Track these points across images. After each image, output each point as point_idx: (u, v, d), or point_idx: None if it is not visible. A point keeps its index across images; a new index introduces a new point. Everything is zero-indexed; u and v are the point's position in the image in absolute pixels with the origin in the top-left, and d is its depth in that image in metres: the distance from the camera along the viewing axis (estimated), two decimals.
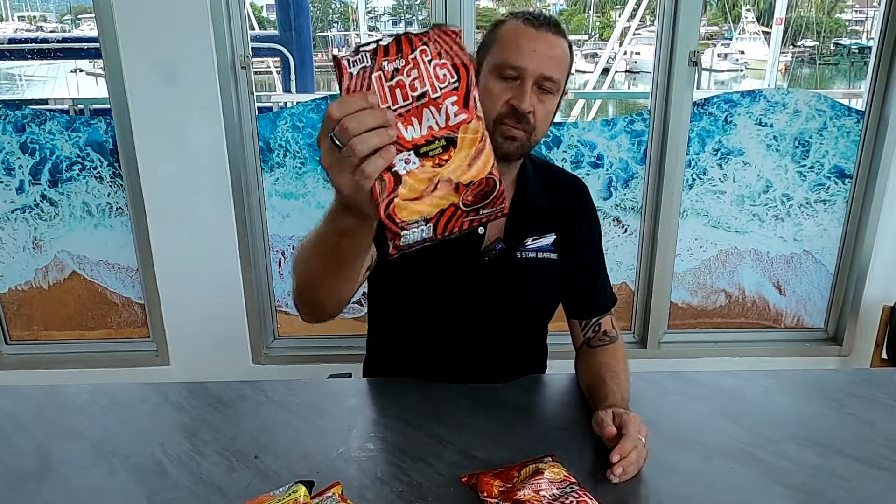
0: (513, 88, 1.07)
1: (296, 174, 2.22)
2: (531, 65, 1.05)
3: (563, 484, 0.85)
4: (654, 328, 2.36)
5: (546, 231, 1.22)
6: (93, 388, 1.20)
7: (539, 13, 1.09)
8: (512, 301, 1.22)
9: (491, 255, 1.18)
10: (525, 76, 1.06)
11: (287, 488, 0.83)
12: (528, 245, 1.20)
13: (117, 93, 2.03)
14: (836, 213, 2.30)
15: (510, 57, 1.06)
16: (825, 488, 0.92)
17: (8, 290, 2.36)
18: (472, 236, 1.18)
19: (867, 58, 2.22)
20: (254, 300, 2.27)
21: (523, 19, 1.08)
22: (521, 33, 1.07)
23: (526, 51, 1.05)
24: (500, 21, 1.11)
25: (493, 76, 1.08)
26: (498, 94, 1.07)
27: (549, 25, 1.08)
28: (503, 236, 1.19)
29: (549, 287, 1.26)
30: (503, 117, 1.08)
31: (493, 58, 1.08)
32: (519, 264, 1.20)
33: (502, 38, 1.09)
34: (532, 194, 1.21)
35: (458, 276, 1.18)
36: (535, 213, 1.21)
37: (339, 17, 11.54)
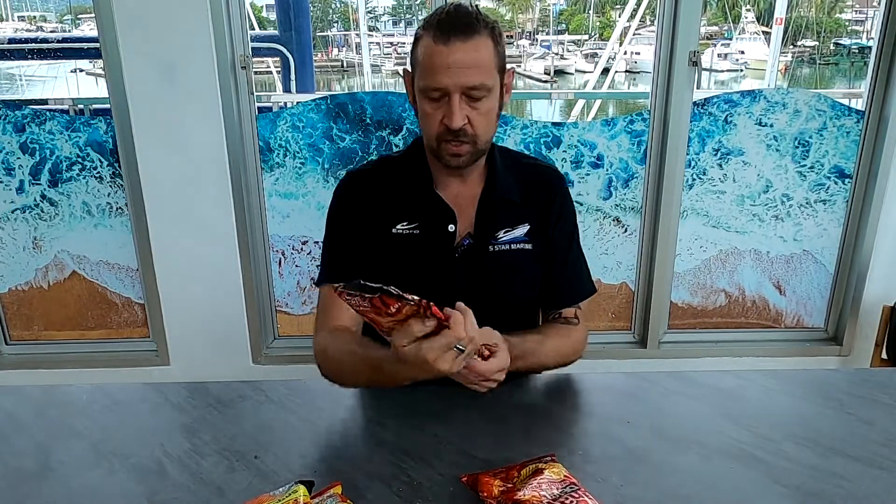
0: (443, 107, 1.08)
1: (296, 174, 2.22)
2: (450, 81, 1.05)
3: (563, 484, 0.85)
4: (654, 328, 2.36)
5: (518, 222, 1.22)
6: (93, 388, 1.20)
7: (449, 16, 1.06)
8: (489, 295, 1.21)
9: (460, 251, 1.19)
10: (449, 94, 1.06)
11: (287, 488, 0.83)
12: (500, 238, 1.21)
13: (117, 93, 2.03)
14: (836, 213, 2.30)
15: (429, 80, 1.06)
16: (825, 488, 0.92)
17: (8, 290, 2.36)
18: (445, 234, 1.19)
19: (867, 58, 2.22)
20: (254, 300, 2.27)
21: (433, 34, 1.06)
22: (433, 53, 1.05)
23: (440, 70, 1.05)
24: (418, 36, 1.10)
25: (423, 98, 1.10)
26: (432, 115, 1.09)
27: (457, 32, 1.04)
28: (473, 231, 1.20)
29: (525, 278, 1.25)
30: (442, 136, 1.10)
31: (418, 80, 1.10)
32: (492, 258, 1.20)
33: (420, 60, 1.08)
34: (501, 186, 1.21)
35: (430, 274, 1.19)
36: (505, 204, 1.21)
37: (339, 17, 11.54)
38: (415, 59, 1.11)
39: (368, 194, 1.22)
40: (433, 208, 1.20)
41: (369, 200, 1.22)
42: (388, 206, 1.21)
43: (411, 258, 1.20)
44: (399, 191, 1.21)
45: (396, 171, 1.24)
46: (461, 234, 1.20)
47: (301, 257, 2.32)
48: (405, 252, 1.20)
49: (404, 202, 1.21)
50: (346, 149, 2.19)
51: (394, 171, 1.24)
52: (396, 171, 1.24)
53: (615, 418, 1.10)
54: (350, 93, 2.19)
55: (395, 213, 1.21)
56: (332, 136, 2.18)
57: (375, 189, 1.22)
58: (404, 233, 1.20)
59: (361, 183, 1.24)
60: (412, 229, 1.20)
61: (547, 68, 13.88)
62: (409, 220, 1.20)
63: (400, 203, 1.21)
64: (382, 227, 1.21)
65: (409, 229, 1.20)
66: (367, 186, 1.23)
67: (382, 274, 1.19)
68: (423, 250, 1.20)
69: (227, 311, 2.27)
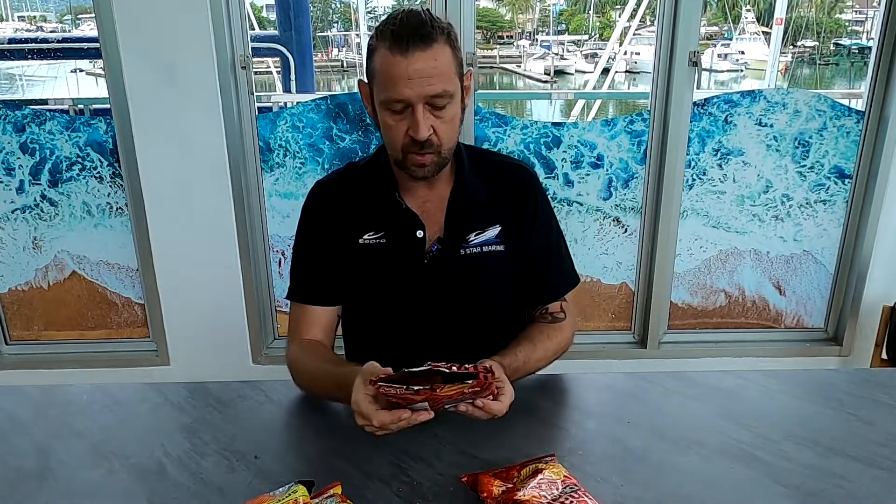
0: (406, 118, 1.06)
1: (296, 174, 2.22)
2: (412, 92, 1.03)
3: (563, 484, 0.85)
4: (654, 328, 2.36)
5: (489, 223, 1.19)
6: (93, 388, 1.20)
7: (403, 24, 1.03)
8: (462, 299, 1.20)
9: (429, 257, 1.17)
10: (412, 104, 1.04)
11: (287, 488, 0.83)
12: (471, 241, 1.18)
13: (117, 93, 2.03)
14: (836, 213, 2.30)
15: (390, 92, 1.04)
16: (825, 488, 0.92)
17: (8, 290, 2.36)
18: (413, 241, 1.17)
19: (867, 58, 2.22)
20: (254, 300, 2.27)
21: (389, 45, 1.02)
22: (392, 65, 1.02)
23: (401, 82, 1.02)
24: (372, 48, 1.06)
25: (384, 110, 1.07)
26: (395, 127, 1.07)
27: (415, 41, 1.01)
28: (443, 235, 1.18)
29: (499, 280, 1.23)
30: (408, 147, 1.08)
31: (378, 93, 1.07)
32: (463, 261, 1.18)
33: (378, 72, 1.05)
34: (470, 188, 1.18)
35: (399, 283, 1.18)
36: (474, 206, 1.19)
37: (339, 17, 11.53)
38: (371, 70, 1.07)
39: (334, 205, 1.20)
40: (399, 216, 1.17)
41: (335, 211, 1.20)
42: (353, 216, 1.19)
43: (379, 268, 1.18)
44: (364, 200, 1.19)
45: (361, 180, 1.21)
46: (430, 240, 1.18)
47: None
48: (373, 262, 1.18)
49: (370, 212, 1.19)
50: (346, 149, 2.19)
51: (359, 180, 1.22)
52: (361, 179, 1.22)
53: (615, 418, 1.10)
54: (350, 93, 2.19)
55: (361, 223, 1.19)
56: (332, 136, 2.18)
57: (341, 199, 1.20)
58: (371, 243, 1.18)
59: (327, 194, 1.22)
60: (378, 238, 1.18)
61: (547, 68, 13.88)
62: (374, 229, 1.18)
63: (365, 213, 1.19)
64: (349, 238, 1.19)
65: (376, 239, 1.18)
66: (333, 197, 1.21)
67: (351, 286, 1.21)
68: (390, 259, 1.18)
69: (227, 311, 2.27)
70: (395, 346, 1.21)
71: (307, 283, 1.23)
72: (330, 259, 1.20)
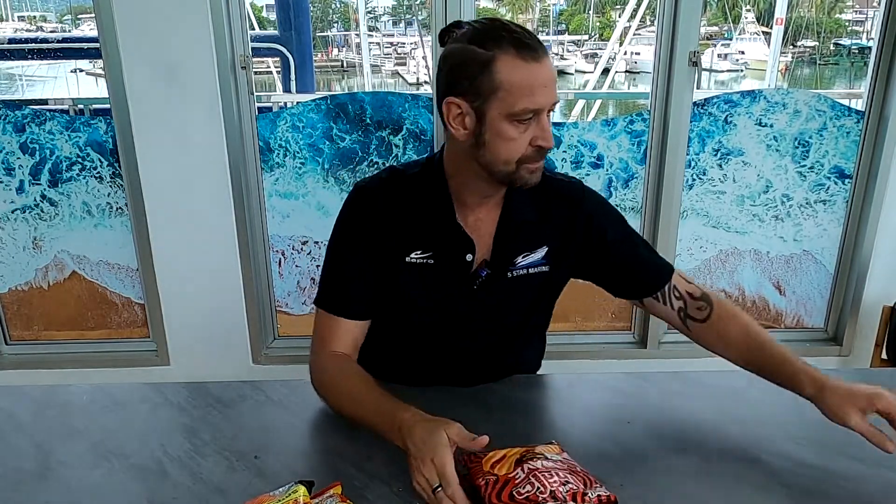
0: (531, 128, 1.01)
1: (296, 174, 2.22)
2: (547, 99, 1.00)
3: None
4: (654, 328, 2.36)
5: (537, 245, 1.16)
6: (93, 388, 1.20)
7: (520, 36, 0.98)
8: (504, 321, 1.19)
9: (478, 283, 1.14)
10: (540, 112, 1.00)
11: (287, 488, 0.83)
12: (518, 263, 1.15)
13: (117, 93, 2.03)
14: (836, 213, 2.30)
15: (527, 104, 0.98)
16: (825, 488, 0.92)
17: (8, 290, 2.36)
18: (461, 263, 1.13)
19: (867, 58, 2.22)
20: (254, 300, 2.27)
21: (516, 52, 0.97)
22: (528, 74, 0.97)
23: (539, 90, 0.98)
24: (488, 59, 0.98)
25: (508, 124, 1.00)
26: (519, 139, 1.01)
27: (540, 48, 0.99)
28: (490, 258, 1.14)
29: (542, 300, 1.22)
30: (527, 158, 1.03)
31: (504, 106, 0.99)
32: (509, 284, 1.15)
33: (507, 83, 0.98)
34: (519, 208, 1.14)
35: (447, 304, 1.16)
36: (523, 228, 1.15)
37: (339, 17, 11.53)
38: (490, 84, 0.98)
39: (381, 216, 1.13)
40: (452, 238, 1.12)
41: (382, 223, 1.13)
42: (401, 231, 1.13)
43: (425, 289, 1.14)
44: (415, 216, 1.13)
45: (411, 194, 1.14)
46: (478, 262, 1.14)
47: (301, 257, 2.32)
48: (418, 282, 1.14)
49: (420, 229, 1.13)
50: (346, 149, 2.19)
51: (408, 194, 1.14)
52: (411, 193, 1.14)
53: (615, 418, 1.10)
54: (350, 93, 2.20)
55: (410, 240, 1.13)
56: (332, 136, 2.18)
57: (389, 211, 1.13)
58: (418, 262, 1.13)
59: (373, 202, 1.15)
60: (426, 258, 1.13)
61: None
62: (423, 248, 1.13)
63: (415, 230, 1.13)
64: (395, 254, 1.13)
65: (424, 258, 1.13)
66: (380, 207, 1.14)
67: (389, 303, 1.16)
68: (438, 280, 1.14)
69: (227, 311, 2.27)
70: (421, 359, 1.20)
71: (343, 294, 1.16)
72: (370, 273, 1.14)
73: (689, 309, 1.18)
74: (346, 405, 1.07)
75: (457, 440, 0.87)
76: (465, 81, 1.00)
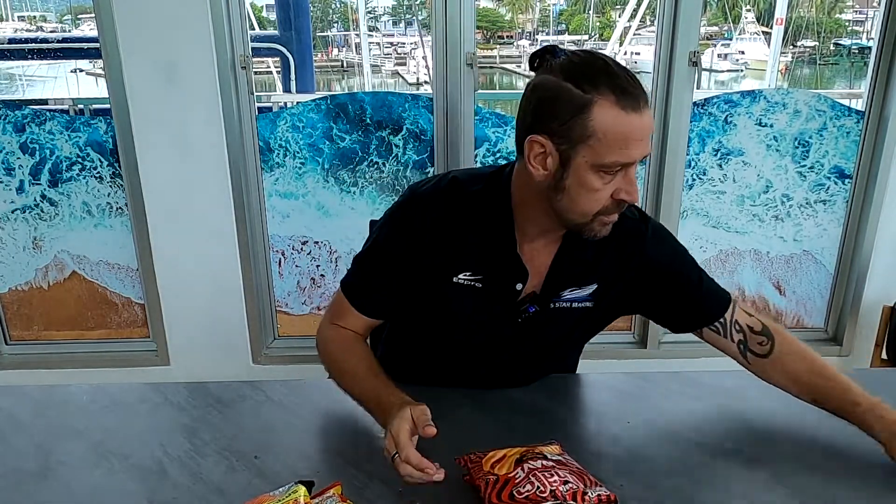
0: (616, 180, 0.95)
1: (296, 174, 2.22)
2: (640, 153, 0.94)
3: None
4: (654, 328, 2.36)
5: (587, 282, 1.11)
6: (93, 388, 1.20)
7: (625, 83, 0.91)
8: (541, 349, 1.18)
9: (524, 316, 1.12)
10: (633, 165, 0.95)
11: (287, 488, 0.83)
12: (563, 296, 1.11)
13: (117, 93, 2.03)
14: (836, 213, 2.29)
15: (619, 157, 0.92)
16: (825, 488, 0.92)
17: (8, 290, 2.36)
18: (510, 291, 1.10)
19: (867, 58, 2.22)
20: (254, 300, 2.27)
21: (619, 101, 0.90)
22: (626, 125, 0.91)
23: (634, 144, 0.92)
24: (587, 102, 0.91)
25: (594, 173, 0.94)
26: (602, 191, 0.96)
27: (644, 99, 0.93)
28: (539, 292, 1.10)
29: (581, 333, 1.20)
30: (606, 210, 0.98)
31: (595, 155, 0.92)
32: (551, 314, 1.12)
33: (602, 132, 0.91)
34: (577, 246, 1.08)
35: (489, 330, 1.14)
36: (577, 264, 1.10)
37: (339, 17, 11.53)
38: (583, 130, 0.92)
39: (433, 232, 1.08)
40: (507, 266, 1.09)
41: (432, 239, 1.08)
42: (453, 250, 1.08)
43: (469, 312, 1.12)
44: (471, 237, 1.08)
45: (471, 212, 1.08)
46: (526, 292, 1.11)
47: (301, 257, 2.32)
48: (463, 304, 1.11)
49: (474, 251, 1.08)
50: (346, 149, 2.19)
51: (468, 211, 1.08)
52: (471, 211, 1.08)
53: (615, 418, 1.10)
54: (350, 93, 2.20)
55: (461, 260, 1.09)
56: (332, 136, 2.18)
57: (443, 227, 1.08)
58: (465, 283, 1.09)
59: (428, 215, 1.09)
60: (474, 281, 1.09)
61: None
62: (473, 270, 1.09)
63: (469, 251, 1.08)
64: (443, 271, 1.09)
65: (472, 281, 1.09)
66: (435, 221, 1.08)
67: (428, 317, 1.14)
68: (483, 305, 1.11)
69: (227, 311, 2.27)
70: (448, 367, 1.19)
71: (367, 292, 1.14)
72: (402, 284, 1.12)
73: (750, 343, 1.13)
74: (346, 381, 1.10)
75: (414, 417, 0.91)
76: (554, 121, 0.93)
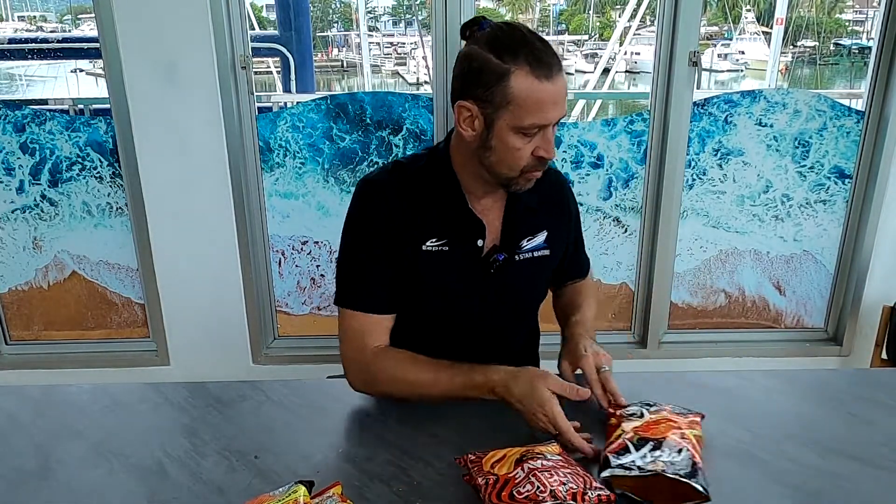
0: (536, 139, 1.06)
1: (296, 174, 2.22)
2: (554, 116, 1.05)
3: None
4: (654, 328, 2.36)
5: (537, 230, 1.23)
6: (93, 388, 1.20)
7: (540, 53, 1.01)
8: (514, 302, 1.25)
9: (495, 266, 1.19)
10: (546, 126, 1.06)
11: (287, 488, 0.83)
12: (524, 247, 1.22)
13: (117, 93, 2.03)
14: (836, 213, 2.30)
15: (536, 119, 1.03)
16: (825, 488, 0.92)
17: (8, 290, 2.36)
18: (474, 249, 1.18)
19: (867, 58, 2.22)
20: (254, 300, 2.27)
21: (531, 68, 1.01)
22: (540, 91, 1.02)
23: (548, 107, 1.03)
24: (504, 72, 1.01)
25: (515, 134, 1.05)
26: (523, 149, 1.07)
27: (555, 66, 1.02)
28: (500, 243, 1.20)
29: (543, 281, 1.31)
30: (529, 167, 1.09)
31: (514, 119, 1.03)
32: (518, 267, 1.21)
33: (518, 97, 1.02)
34: (523, 195, 1.19)
35: (464, 290, 1.20)
36: (526, 213, 1.22)
37: (339, 17, 11.54)
38: (503, 96, 1.02)
39: (393, 209, 1.15)
40: (465, 224, 1.17)
41: (394, 216, 1.15)
42: (415, 221, 1.15)
43: (443, 276, 1.17)
44: (428, 206, 1.16)
45: (421, 185, 1.17)
46: (487, 247, 1.19)
47: (301, 257, 2.32)
48: (436, 270, 1.17)
49: (434, 218, 1.16)
50: (346, 149, 2.19)
51: (418, 184, 1.17)
52: (421, 184, 1.17)
53: None
54: (350, 93, 2.20)
55: (425, 229, 1.16)
56: (332, 136, 2.18)
57: (400, 203, 1.15)
58: (434, 249, 1.16)
59: (383, 195, 1.16)
60: (441, 246, 1.16)
61: None
62: (437, 236, 1.16)
63: (429, 218, 1.16)
64: (411, 244, 1.15)
65: (438, 246, 1.16)
66: (391, 200, 1.16)
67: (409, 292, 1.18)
68: (455, 266, 1.17)
69: (227, 311, 2.27)
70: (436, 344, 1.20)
71: (365, 290, 1.18)
72: (389, 265, 1.16)
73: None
74: (416, 390, 1.12)
75: (557, 391, 1.01)
76: (479, 88, 1.04)
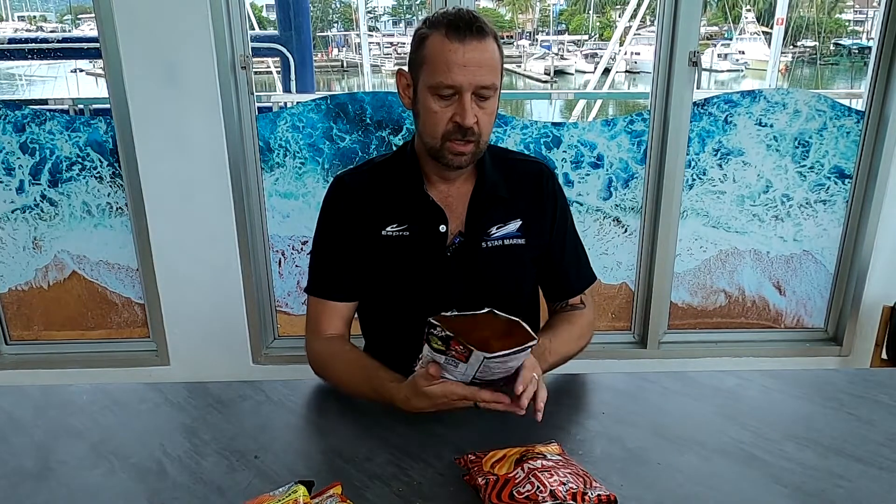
0: (453, 105, 1.10)
1: (296, 174, 2.22)
2: (465, 80, 1.07)
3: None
4: (654, 328, 2.36)
5: (509, 218, 1.23)
6: (93, 388, 1.20)
7: (459, 17, 1.08)
8: (483, 292, 1.22)
9: (451, 249, 1.20)
10: (462, 91, 1.08)
11: (287, 488, 0.83)
12: (493, 234, 1.22)
13: (117, 93, 2.03)
14: (836, 213, 2.30)
15: (443, 77, 1.07)
16: (825, 488, 0.92)
17: (8, 290, 2.36)
18: (436, 234, 1.20)
19: (867, 58, 2.22)
20: (254, 300, 2.27)
21: (445, 31, 1.07)
22: (448, 50, 1.07)
23: (456, 68, 1.07)
24: (424, 35, 1.10)
25: (431, 96, 1.10)
26: (439, 113, 1.10)
27: (471, 31, 1.07)
28: (464, 229, 1.21)
29: (520, 272, 1.28)
30: (449, 134, 1.11)
31: (427, 78, 1.10)
32: (485, 254, 1.21)
33: (430, 57, 1.09)
34: (490, 183, 1.22)
35: (422, 275, 1.21)
36: (495, 201, 1.22)
37: (339, 17, 11.55)
38: (421, 57, 1.11)
39: (357, 198, 1.22)
40: (423, 209, 1.20)
41: (358, 204, 1.22)
42: (377, 208, 1.21)
43: (402, 261, 1.21)
44: (388, 193, 1.22)
45: (386, 174, 1.24)
46: (452, 234, 1.21)
47: (301, 257, 2.32)
48: (395, 255, 1.21)
49: (394, 204, 1.21)
50: (346, 149, 2.19)
51: (383, 174, 1.24)
52: (386, 173, 1.24)
53: (615, 418, 1.10)
54: (350, 93, 2.20)
55: (384, 215, 1.21)
56: (332, 136, 2.18)
57: (364, 192, 1.22)
58: (394, 235, 1.20)
59: (349, 187, 1.24)
60: (401, 231, 1.20)
61: (547, 68, 13.86)
62: (398, 222, 1.20)
63: (389, 205, 1.21)
64: (371, 230, 1.21)
65: (399, 231, 1.20)
66: (355, 190, 1.23)
67: (372, 279, 1.22)
68: (413, 252, 1.20)
69: (227, 311, 2.27)
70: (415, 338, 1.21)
71: (328, 277, 1.24)
72: (351, 253, 1.22)
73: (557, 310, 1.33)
74: (343, 384, 1.16)
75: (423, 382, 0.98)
76: (411, 56, 1.14)
